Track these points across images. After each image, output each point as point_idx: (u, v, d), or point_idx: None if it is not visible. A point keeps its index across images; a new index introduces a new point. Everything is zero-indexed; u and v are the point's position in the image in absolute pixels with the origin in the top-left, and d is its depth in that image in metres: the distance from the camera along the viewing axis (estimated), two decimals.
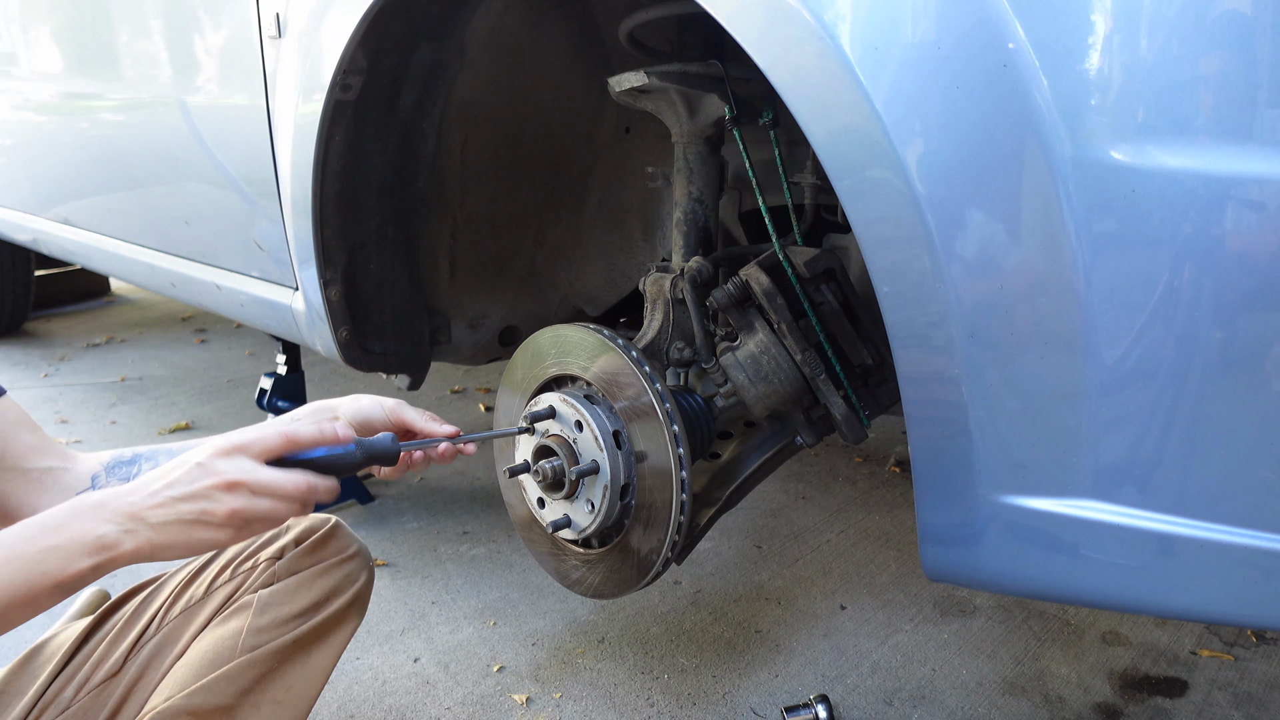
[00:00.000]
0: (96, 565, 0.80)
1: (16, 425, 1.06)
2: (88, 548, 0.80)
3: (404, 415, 1.12)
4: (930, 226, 0.90)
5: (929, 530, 1.03)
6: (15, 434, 1.05)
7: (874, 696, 1.62)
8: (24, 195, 2.95)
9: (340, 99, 1.48)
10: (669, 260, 1.55)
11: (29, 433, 1.07)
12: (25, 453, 1.06)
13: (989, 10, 0.85)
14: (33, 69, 2.60)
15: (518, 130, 1.78)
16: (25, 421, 1.08)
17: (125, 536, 0.81)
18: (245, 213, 1.88)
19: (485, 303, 1.94)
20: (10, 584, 0.77)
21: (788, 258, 1.25)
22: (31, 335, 4.35)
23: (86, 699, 1.09)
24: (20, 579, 0.77)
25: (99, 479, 1.08)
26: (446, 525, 2.30)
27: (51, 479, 1.06)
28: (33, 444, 1.07)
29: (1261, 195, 0.79)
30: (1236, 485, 0.86)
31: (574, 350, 1.27)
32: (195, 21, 1.87)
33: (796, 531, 2.24)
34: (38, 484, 1.05)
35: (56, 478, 1.07)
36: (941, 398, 0.96)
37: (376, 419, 1.11)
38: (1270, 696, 1.61)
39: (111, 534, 0.81)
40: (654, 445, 1.17)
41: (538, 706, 1.61)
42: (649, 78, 1.29)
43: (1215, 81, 0.79)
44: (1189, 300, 0.83)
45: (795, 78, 0.95)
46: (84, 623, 1.16)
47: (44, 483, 1.05)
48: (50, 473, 1.07)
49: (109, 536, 0.81)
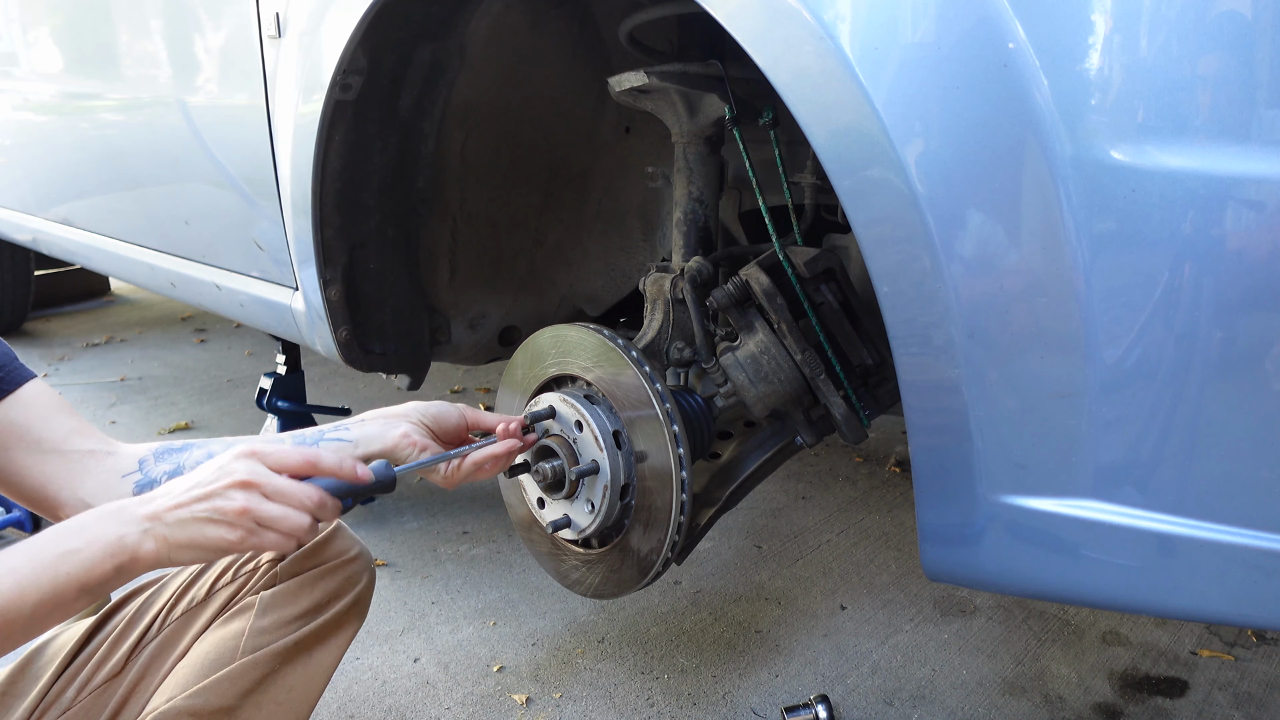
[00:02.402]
0: (119, 567, 0.81)
1: (53, 409, 1.05)
2: (109, 550, 0.80)
3: (478, 415, 1.19)
4: (930, 226, 0.90)
5: (929, 530, 1.04)
6: (52, 417, 1.04)
7: (874, 696, 1.62)
8: (24, 195, 2.95)
9: (340, 99, 1.48)
10: (669, 260, 1.55)
11: (68, 416, 1.06)
12: (66, 435, 1.04)
13: (989, 10, 0.85)
14: (33, 69, 2.60)
15: (518, 130, 1.78)
16: (61, 405, 1.07)
17: (145, 538, 0.82)
18: (245, 213, 1.87)
19: (485, 303, 1.94)
20: (36, 588, 0.77)
21: (788, 258, 1.25)
22: (31, 335, 4.35)
23: (88, 700, 1.09)
24: (45, 583, 0.78)
25: (146, 463, 1.06)
26: (446, 525, 2.30)
27: (94, 461, 1.04)
28: (74, 427, 1.05)
29: (1261, 195, 0.79)
30: (1236, 485, 0.86)
31: (574, 350, 1.27)
32: (195, 21, 1.87)
33: (796, 531, 2.24)
34: (79, 467, 1.03)
35: (99, 460, 1.05)
36: (941, 398, 0.96)
37: (449, 417, 1.16)
38: (1270, 696, 1.61)
39: (133, 536, 0.81)
40: (654, 445, 1.17)
41: (538, 706, 1.61)
42: (649, 78, 1.29)
43: (1215, 81, 0.79)
44: (1189, 300, 0.83)
45: (795, 78, 0.95)
46: (86, 624, 1.16)
47: (85, 465, 1.03)
48: (92, 455, 1.05)
49: (129, 538, 0.81)
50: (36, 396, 1.03)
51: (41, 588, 0.77)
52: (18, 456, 1.01)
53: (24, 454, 1.01)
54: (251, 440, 0.93)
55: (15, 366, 1.04)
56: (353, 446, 1.11)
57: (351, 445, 1.11)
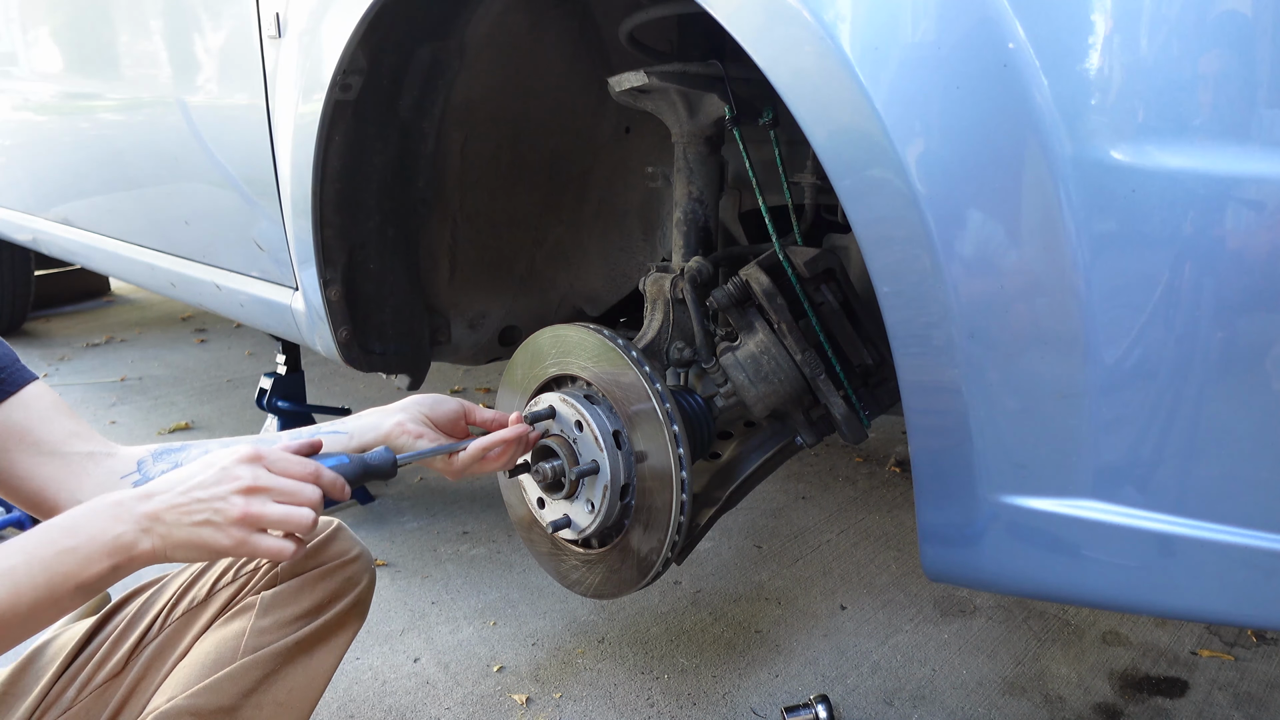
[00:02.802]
0: (115, 566, 0.81)
1: (52, 410, 1.05)
2: (106, 548, 0.80)
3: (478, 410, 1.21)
4: (930, 226, 0.90)
5: (929, 530, 1.04)
6: (51, 419, 1.04)
7: (874, 696, 1.62)
8: (24, 195, 2.95)
9: (340, 99, 1.48)
10: (669, 260, 1.55)
11: (68, 419, 1.06)
12: (66, 437, 1.04)
13: (989, 10, 0.85)
14: (33, 69, 2.60)
15: (517, 130, 1.78)
16: (61, 407, 1.07)
17: (143, 536, 0.82)
18: (245, 213, 1.88)
19: (485, 303, 1.94)
20: (32, 587, 0.77)
21: (788, 258, 1.25)
22: (31, 335, 4.35)
23: (89, 700, 1.09)
24: (41, 581, 0.78)
25: (145, 464, 1.06)
26: (446, 525, 2.30)
27: (93, 464, 1.04)
28: (73, 429, 1.05)
29: (1261, 195, 0.79)
30: (1236, 485, 0.86)
31: (574, 350, 1.27)
32: (195, 21, 1.87)
33: (796, 531, 2.24)
34: (78, 469, 1.03)
35: (98, 463, 1.05)
36: (941, 398, 0.96)
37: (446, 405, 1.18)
38: (1270, 696, 1.61)
39: (129, 534, 0.81)
40: (654, 445, 1.18)
41: (538, 706, 1.61)
42: (649, 78, 1.29)
43: (1215, 81, 0.79)
44: (1189, 300, 0.83)
45: (795, 78, 0.95)
46: (86, 624, 1.16)
47: (84, 468, 1.03)
48: (91, 458, 1.05)
49: (126, 536, 0.81)
50: (37, 398, 1.03)
51: (38, 587, 0.77)
52: (18, 458, 1.01)
53: (24, 456, 1.01)
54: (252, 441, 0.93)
55: (17, 368, 1.04)
56: (348, 438, 1.11)
57: (346, 437, 1.12)
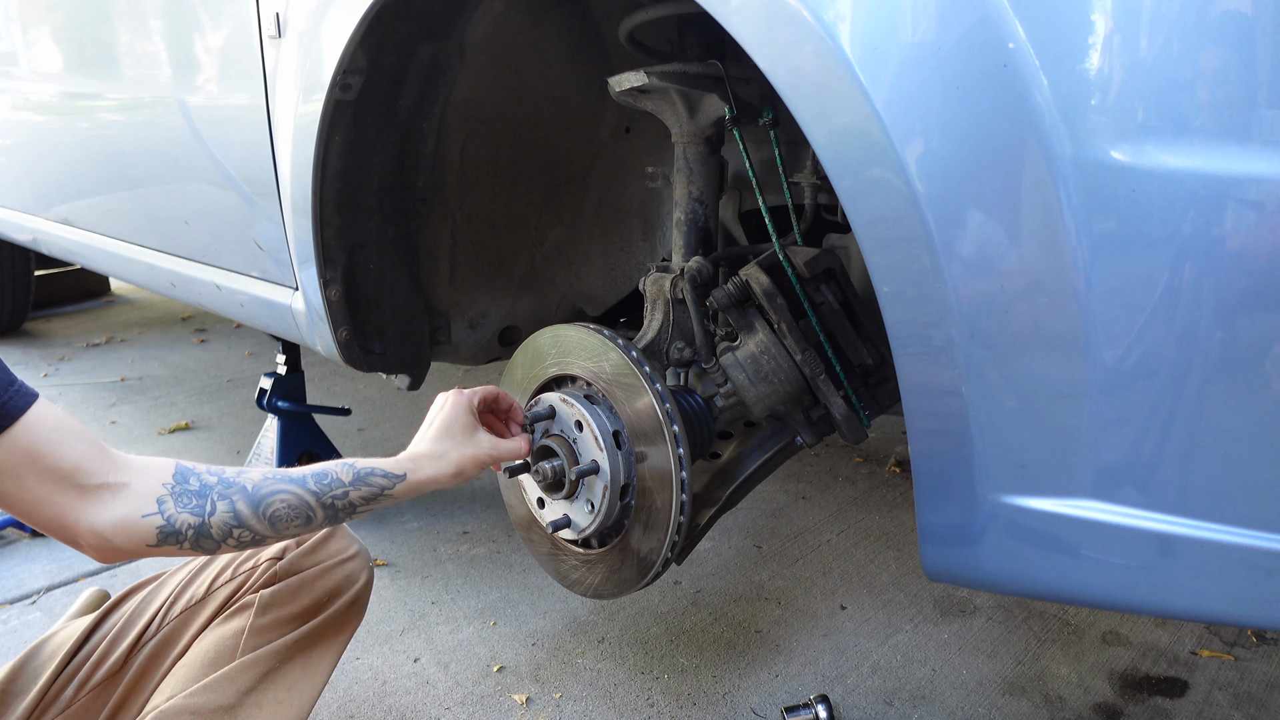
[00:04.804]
0: None
1: (58, 432, 0.95)
2: None
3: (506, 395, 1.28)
4: (930, 226, 0.90)
5: (929, 530, 1.04)
6: (61, 440, 0.94)
7: (874, 696, 1.62)
8: (24, 195, 2.95)
9: (340, 99, 1.48)
10: (669, 260, 1.55)
11: (76, 439, 0.96)
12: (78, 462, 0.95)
13: (989, 10, 0.85)
14: (33, 69, 2.60)
15: (517, 130, 1.78)
16: (67, 425, 0.96)
17: None
18: (245, 213, 1.88)
19: (485, 303, 1.94)
20: None
21: (788, 258, 1.25)
22: (31, 335, 4.35)
23: (87, 698, 1.09)
24: None
25: (165, 506, 0.97)
26: (446, 525, 2.30)
27: (110, 494, 0.96)
28: (84, 452, 0.96)
29: (1261, 195, 0.79)
30: (1236, 485, 0.86)
31: (574, 350, 1.27)
32: (195, 21, 1.87)
33: (796, 531, 2.24)
34: (94, 499, 0.95)
35: (115, 494, 0.96)
36: (942, 398, 0.96)
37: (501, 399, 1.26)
38: (1270, 696, 1.61)
39: None
40: (654, 445, 1.18)
41: (538, 706, 1.61)
42: (649, 78, 1.29)
43: (1215, 81, 0.79)
44: (1189, 300, 0.83)
45: (795, 78, 0.95)
46: (85, 622, 1.16)
47: (101, 498, 0.95)
48: (107, 488, 0.96)
49: None
50: (40, 420, 0.94)
51: None
52: (31, 485, 0.93)
53: (36, 483, 0.93)
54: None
55: (17, 389, 0.93)
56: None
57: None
